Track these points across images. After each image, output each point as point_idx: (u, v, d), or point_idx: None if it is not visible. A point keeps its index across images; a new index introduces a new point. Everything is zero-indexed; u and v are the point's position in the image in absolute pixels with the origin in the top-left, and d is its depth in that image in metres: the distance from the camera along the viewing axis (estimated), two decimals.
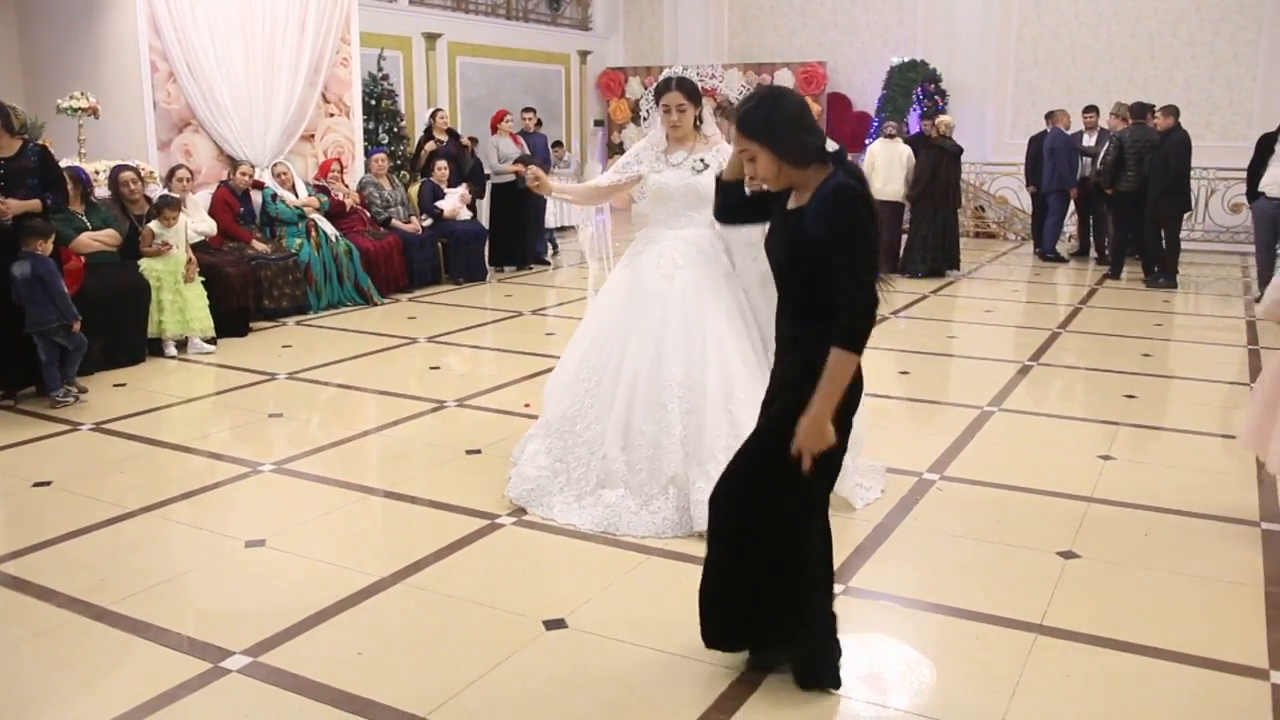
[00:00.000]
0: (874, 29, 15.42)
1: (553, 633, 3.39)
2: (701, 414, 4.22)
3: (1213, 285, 10.75)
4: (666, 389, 4.27)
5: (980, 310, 9.36)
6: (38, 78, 8.84)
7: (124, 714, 2.92)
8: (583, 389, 4.50)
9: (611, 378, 4.42)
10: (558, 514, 4.33)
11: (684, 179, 4.45)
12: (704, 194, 4.39)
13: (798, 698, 3.03)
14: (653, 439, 4.28)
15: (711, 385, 4.23)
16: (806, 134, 2.79)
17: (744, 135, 2.83)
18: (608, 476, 4.34)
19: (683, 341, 4.30)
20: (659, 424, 4.27)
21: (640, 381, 4.33)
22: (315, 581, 3.77)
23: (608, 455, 4.35)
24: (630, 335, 4.42)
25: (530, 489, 4.46)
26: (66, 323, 5.96)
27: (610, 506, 4.27)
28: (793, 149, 2.78)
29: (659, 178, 4.50)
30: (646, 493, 4.27)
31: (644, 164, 4.56)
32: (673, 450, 4.24)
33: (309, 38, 9.54)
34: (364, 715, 2.92)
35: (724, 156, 4.38)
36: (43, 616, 3.52)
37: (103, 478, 4.90)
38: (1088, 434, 5.58)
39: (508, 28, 14.61)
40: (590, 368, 4.51)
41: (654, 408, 4.28)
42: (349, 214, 9.56)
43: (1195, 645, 3.31)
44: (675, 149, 4.51)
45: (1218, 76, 13.44)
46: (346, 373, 6.92)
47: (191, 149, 8.88)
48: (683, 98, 4.38)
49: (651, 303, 4.39)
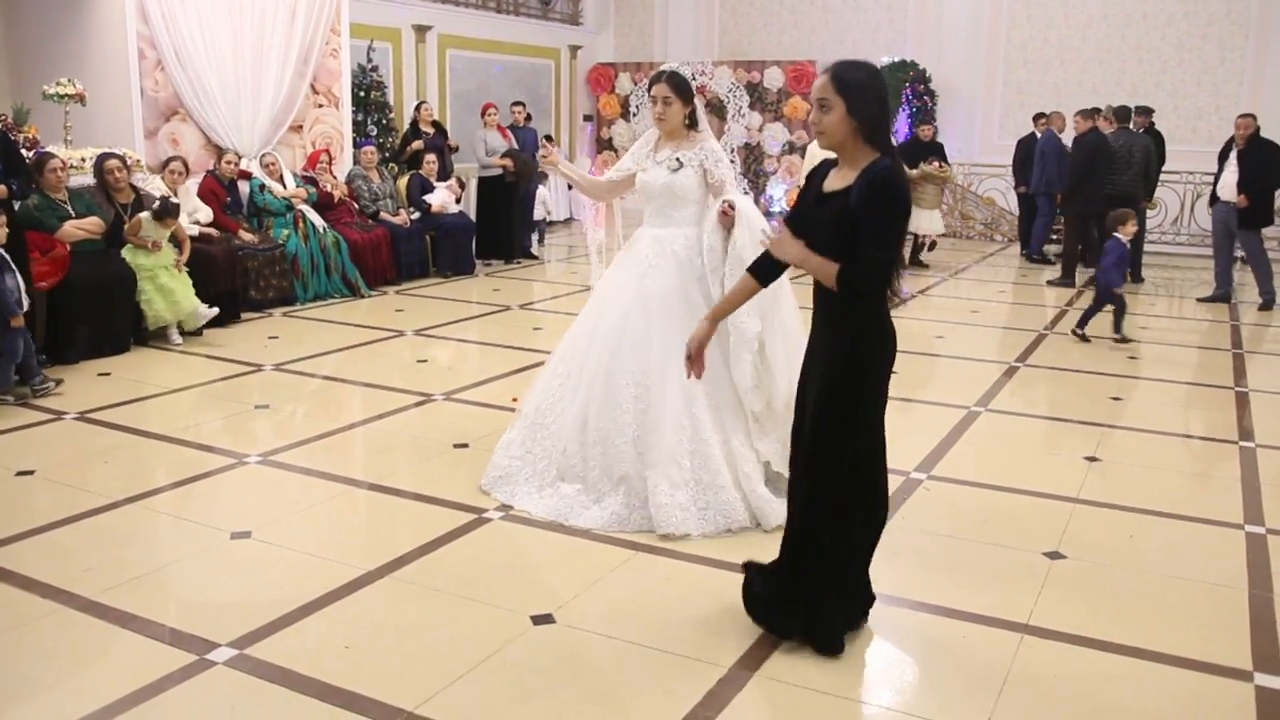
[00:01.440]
0: (864, 29, 15.45)
1: (540, 628, 3.38)
2: (660, 416, 4.20)
3: (1196, 289, 10.80)
4: (623, 388, 4.28)
5: (967, 311, 9.39)
6: (24, 64, 8.77)
7: (108, 705, 2.90)
8: (556, 383, 4.55)
9: (578, 373, 4.45)
10: (518, 500, 4.40)
11: (661, 177, 4.42)
12: (679, 193, 4.40)
13: (785, 694, 3.04)
14: (605, 436, 4.29)
15: (671, 389, 4.20)
16: (881, 114, 3.02)
17: (837, 88, 2.99)
18: (567, 470, 4.39)
19: (644, 342, 4.29)
20: (613, 422, 4.28)
21: (599, 379, 4.34)
22: (302, 574, 3.75)
23: (567, 450, 4.40)
24: (596, 332, 4.44)
25: (499, 475, 4.53)
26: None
27: (565, 498, 4.33)
28: (866, 118, 2.99)
29: (644, 175, 4.48)
30: (599, 489, 4.29)
31: (636, 161, 4.56)
32: (625, 449, 4.24)
33: (299, 27, 9.49)
34: (351, 709, 2.91)
35: (705, 155, 4.39)
36: (26, 607, 3.49)
37: (87, 467, 4.87)
38: (1073, 435, 5.61)
39: (498, 21, 14.56)
40: (563, 361, 4.56)
41: (609, 406, 4.29)
42: (337, 205, 9.52)
43: (1180, 647, 3.33)
44: (664, 146, 4.49)
45: (1205, 81, 13.52)
46: (333, 365, 6.89)
47: (179, 138, 8.82)
48: (670, 91, 4.34)
49: (620, 300, 4.40)
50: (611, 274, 4.59)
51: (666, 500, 4.11)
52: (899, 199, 2.97)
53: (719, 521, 4.15)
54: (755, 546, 4.06)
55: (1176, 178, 12.46)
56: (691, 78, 4.51)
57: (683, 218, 4.44)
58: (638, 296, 4.36)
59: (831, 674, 3.17)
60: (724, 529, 4.14)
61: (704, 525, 4.13)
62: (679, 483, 4.14)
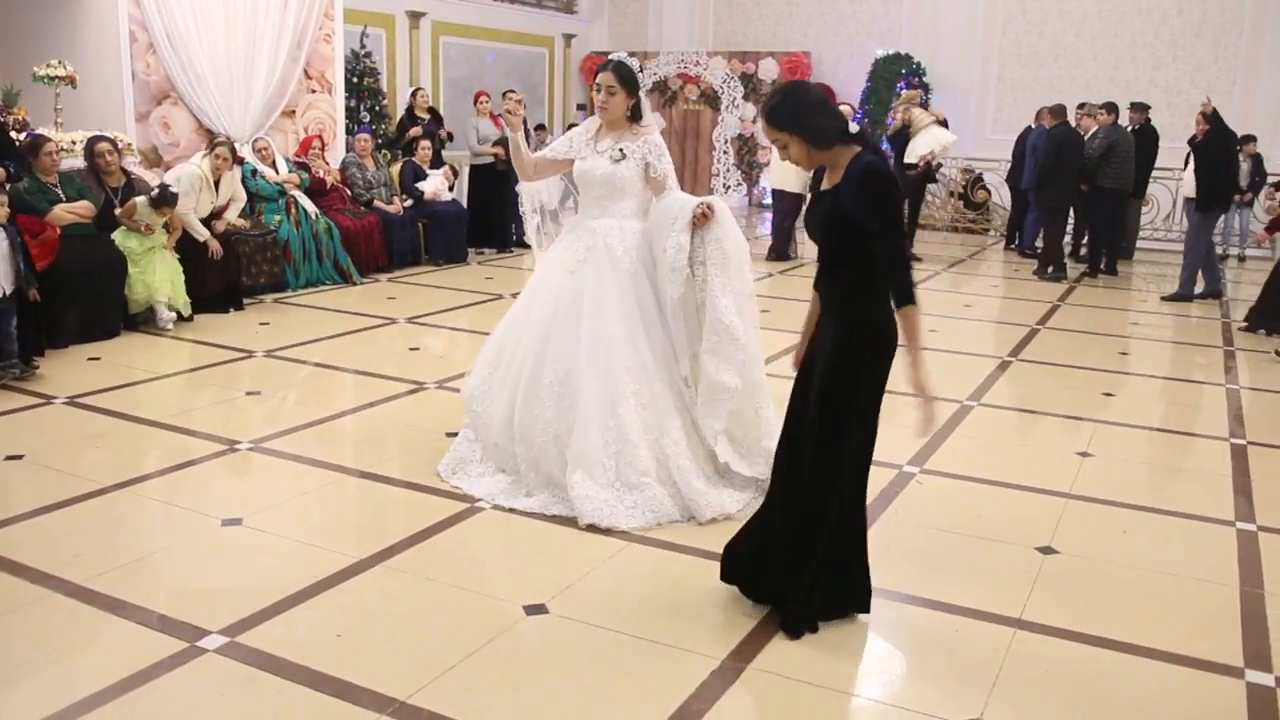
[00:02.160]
0: (859, 21, 15.43)
1: (533, 618, 3.37)
2: (582, 416, 4.17)
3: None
4: (545, 386, 4.26)
5: (960, 305, 9.40)
6: (15, 45, 8.70)
7: (98, 692, 2.88)
8: (485, 372, 4.57)
9: (507, 366, 4.45)
10: (469, 485, 4.44)
11: (602, 167, 4.38)
12: (619, 184, 4.37)
13: (778, 687, 3.03)
14: (528, 433, 4.29)
15: (594, 389, 4.17)
16: (828, 119, 3.12)
17: (772, 126, 3.14)
18: (501, 460, 4.47)
19: (569, 340, 4.26)
20: (535, 420, 4.28)
21: (525, 376, 4.33)
22: (293, 562, 3.74)
23: (499, 443, 4.43)
24: (525, 328, 4.41)
25: (456, 459, 4.61)
26: None
27: (500, 485, 4.39)
28: (817, 133, 3.11)
29: (583, 164, 4.43)
30: (528, 483, 4.33)
31: (574, 149, 4.49)
32: (547, 447, 4.24)
33: (292, 12, 9.43)
34: (342, 697, 2.90)
35: (649, 148, 4.37)
36: (14, 592, 3.47)
37: (77, 452, 4.84)
38: (1066, 430, 5.62)
39: (492, 9, 14.49)
40: (493, 352, 4.58)
41: (532, 403, 4.29)
42: (329, 192, 9.46)
43: (1172, 643, 3.34)
44: (605, 136, 4.44)
45: (1198, 79, 13.53)
46: (325, 352, 6.87)
47: (170, 121, 8.77)
48: (615, 80, 4.31)
49: (548, 296, 4.39)
50: (546, 265, 4.57)
51: (591, 494, 4.09)
52: (883, 185, 3.07)
53: (647, 516, 4.13)
54: None
55: (1169, 174, 12.48)
56: (683, 67, 4.51)
57: (620, 210, 4.41)
58: (565, 293, 4.34)
59: (824, 667, 3.17)
60: (653, 523, 4.12)
61: (631, 520, 4.10)
62: (603, 483, 4.13)
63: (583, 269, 4.34)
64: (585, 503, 4.08)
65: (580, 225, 4.49)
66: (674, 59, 14.85)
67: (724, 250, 4.23)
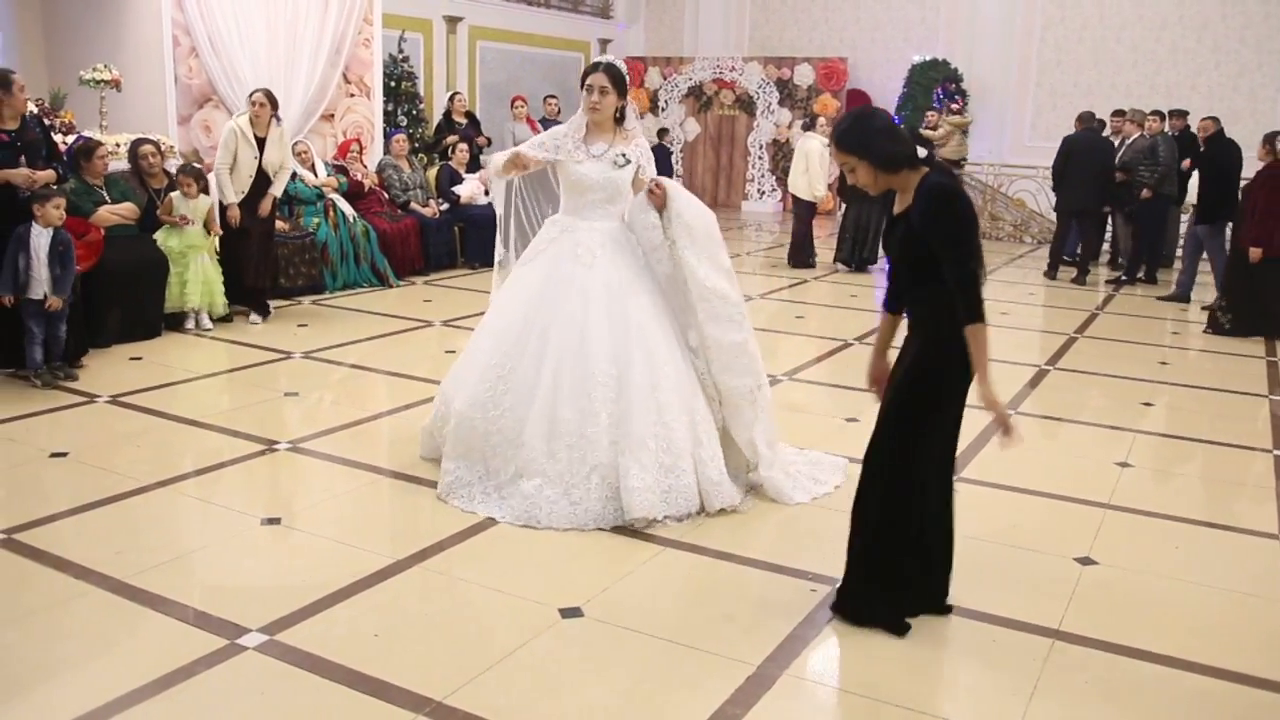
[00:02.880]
0: (896, 26, 15.37)
1: (568, 621, 3.38)
2: (628, 403, 4.20)
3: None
4: (591, 378, 4.23)
5: (997, 313, 9.30)
6: (61, 49, 8.85)
7: (140, 688, 2.92)
8: (495, 375, 4.33)
9: (532, 365, 4.30)
10: (478, 506, 4.24)
11: (605, 172, 4.40)
12: (621, 189, 4.43)
13: (813, 693, 3.03)
14: (578, 428, 4.22)
15: (637, 375, 4.22)
16: (895, 144, 3.21)
17: (843, 151, 3.24)
18: (525, 465, 4.24)
19: (606, 330, 4.28)
20: (583, 413, 4.23)
21: (565, 371, 4.26)
22: (331, 561, 3.77)
23: (526, 443, 4.24)
24: (552, 324, 4.33)
25: (450, 482, 4.35)
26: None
27: (528, 497, 4.18)
28: (885, 158, 3.19)
29: (579, 168, 4.41)
30: (566, 481, 4.19)
31: (562, 151, 4.45)
32: (598, 439, 4.21)
33: (332, 17, 9.53)
34: (380, 696, 2.92)
35: (642, 153, 4.46)
36: (58, 587, 3.52)
37: (119, 451, 4.91)
38: (1105, 440, 5.56)
39: (529, 13, 14.58)
40: (502, 354, 4.36)
41: (579, 397, 4.24)
42: (367, 195, 9.55)
43: (1213, 656, 3.30)
44: (595, 138, 4.44)
45: (1241, 85, 13.39)
46: (361, 353, 6.92)
47: (211, 124, 8.87)
48: (607, 81, 4.35)
49: (570, 290, 4.35)
50: (546, 264, 4.46)
51: (638, 484, 4.10)
52: (949, 204, 3.13)
53: (681, 505, 4.18)
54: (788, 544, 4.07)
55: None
56: (719, 73, 4.58)
57: (616, 211, 4.48)
58: (591, 286, 4.33)
59: (859, 674, 3.16)
60: (686, 513, 4.18)
61: (668, 509, 4.14)
62: (647, 466, 4.14)
63: (599, 262, 4.37)
64: (631, 495, 4.08)
65: (573, 225, 4.47)
66: (709, 64, 14.87)
67: (685, 223, 4.33)
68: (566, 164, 4.44)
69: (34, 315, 5.79)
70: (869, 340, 7.56)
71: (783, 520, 4.33)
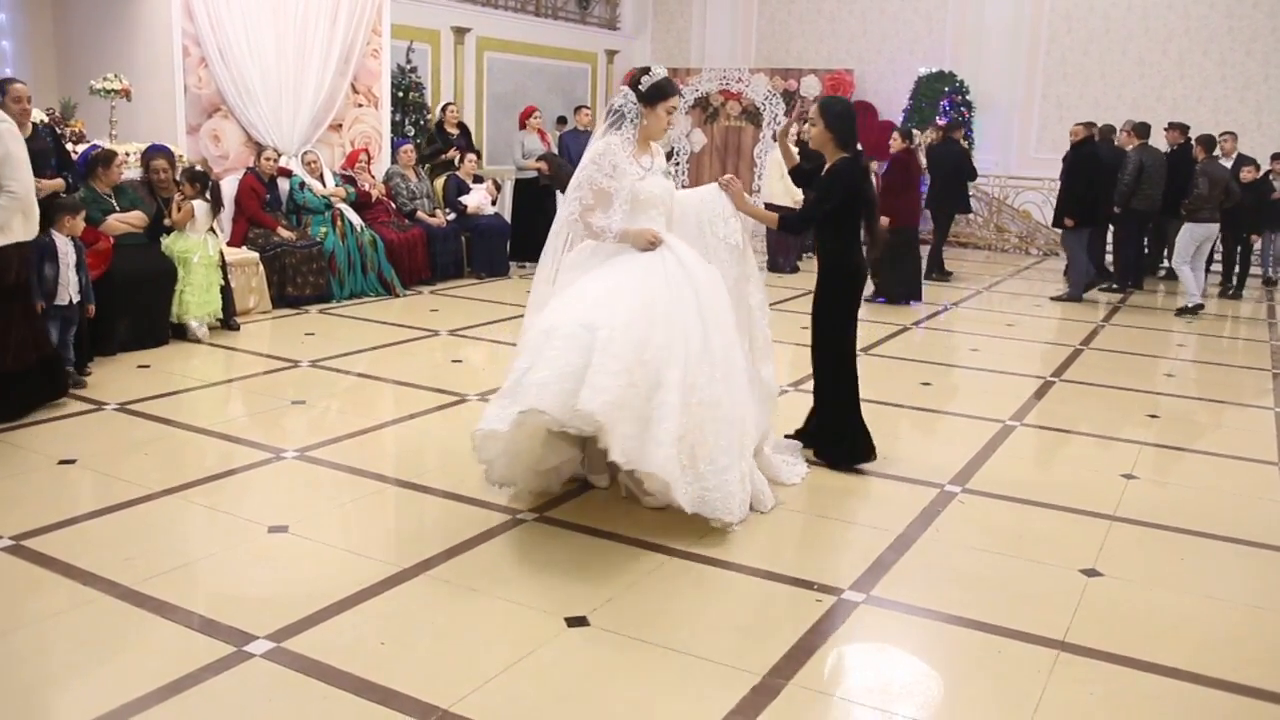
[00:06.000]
0: (902, 38, 15.39)
1: (574, 630, 3.39)
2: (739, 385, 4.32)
3: (1233, 306, 10.69)
4: (717, 364, 4.15)
5: (1002, 324, 9.33)
6: (72, 59, 8.90)
7: (147, 694, 2.93)
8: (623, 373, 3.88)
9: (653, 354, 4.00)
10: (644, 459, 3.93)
11: (665, 185, 4.45)
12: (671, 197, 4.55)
13: (818, 704, 3.03)
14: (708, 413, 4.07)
15: (738, 359, 4.37)
16: (848, 133, 4.82)
17: (823, 112, 4.83)
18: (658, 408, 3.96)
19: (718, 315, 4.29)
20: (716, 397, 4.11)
21: (692, 353, 4.08)
22: (338, 569, 3.78)
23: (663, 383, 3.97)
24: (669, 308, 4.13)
25: (609, 400, 3.81)
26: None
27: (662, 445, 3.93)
28: (838, 133, 4.82)
29: (644, 185, 4.34)
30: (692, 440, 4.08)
31: (629, 173, 4.30)
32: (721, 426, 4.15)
33: (340, 27, 9.57)
34: (386, 704, 2.93)
35: (661, 158, 4.59)
36: (66, 594, 3.54)
37: (127, 458, 4.93)
38: (1110, 452, 5.56)
39: (536, 24, 14.62)
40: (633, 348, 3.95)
41: (715, 381, 4.12)
42: (374, 204, 9.59)
43: (1220, 669, 3.29)
44: (642, 153, 4.42)
45: (1247, 98, 13.37)
46: (368, 362, 6.94)
47: (220, 134, 8.92)
48: (679, 103, 4.56)
49: (678, 279, 4.22)
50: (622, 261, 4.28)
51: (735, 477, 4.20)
52: (836, 178, 4.79)
53: (747, 507, 4.29)
54: (793, 553, 4.07)
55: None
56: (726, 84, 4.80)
57: (665, 222, 4.46)
58: (696, 273, 4.28)
59: (864, 685, 3.17)
60: (745, 516, 4.27)
61: (743, 512, 4.24)
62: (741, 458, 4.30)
63: (670, 254, 4.30)
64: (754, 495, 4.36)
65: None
66: (716, 75, 14.89)
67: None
68: (634, 184, 4.31)
69: (52, 320, 5.84)
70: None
71: (788, 529, 4.34)
